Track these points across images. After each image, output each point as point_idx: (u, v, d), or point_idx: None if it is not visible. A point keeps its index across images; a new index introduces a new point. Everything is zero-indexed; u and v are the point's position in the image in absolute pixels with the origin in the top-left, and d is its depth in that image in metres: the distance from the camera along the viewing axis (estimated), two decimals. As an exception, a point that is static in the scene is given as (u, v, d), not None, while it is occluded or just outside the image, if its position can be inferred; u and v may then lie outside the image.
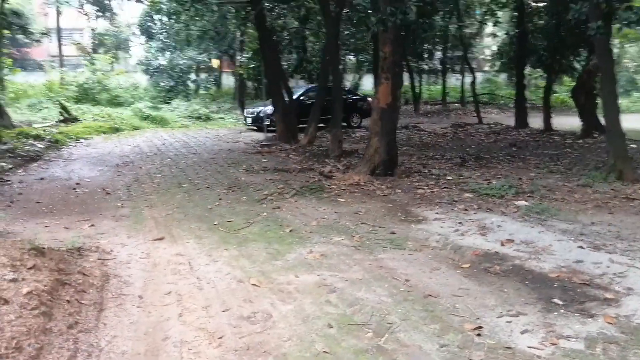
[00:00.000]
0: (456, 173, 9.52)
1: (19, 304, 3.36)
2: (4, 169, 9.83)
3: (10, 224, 6.32)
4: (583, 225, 6.18)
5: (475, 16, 25.13)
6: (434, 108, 28.76)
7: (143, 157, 11.97)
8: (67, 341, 3.29)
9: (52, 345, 3.19)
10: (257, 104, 20.67)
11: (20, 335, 3.10)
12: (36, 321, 3.28)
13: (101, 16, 28.99)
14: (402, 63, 9.27)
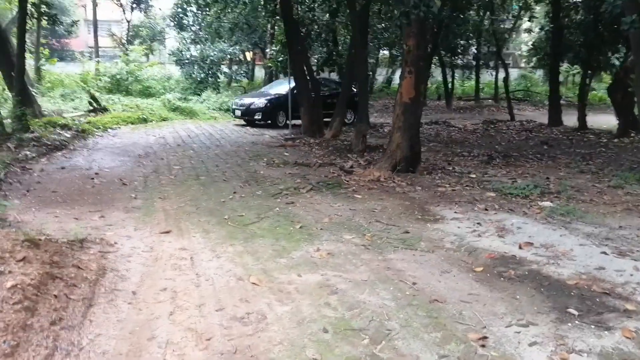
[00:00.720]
0: (481, 171, 9.22)
1: (1, 298, 3.27)
2: (27, 157, 9.90)
3: (22, 213, 6.30)
4: (610, 229, 5.86)
5: (511, 11, 24.52)
6: (467, 104, 28.20)
7: (166, 149, 11.95)
8: (46, 338, 3.18)
9: (29, 343, 3.08)
10: (247, 95, 20.10)
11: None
12: (17, 316, 3.18)
13: (136, 8, 29.26)
14: (426, 57, 8.96)
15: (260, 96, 18.15)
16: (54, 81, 24.52)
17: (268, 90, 19.17)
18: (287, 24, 13.77)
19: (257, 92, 19.86)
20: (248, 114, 17.45)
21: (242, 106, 17.74)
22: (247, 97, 18.90)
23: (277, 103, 17.30)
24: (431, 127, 17.31)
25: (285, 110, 16.80)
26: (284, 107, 16.81)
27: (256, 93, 19.74)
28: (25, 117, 12.14)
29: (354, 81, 13.20)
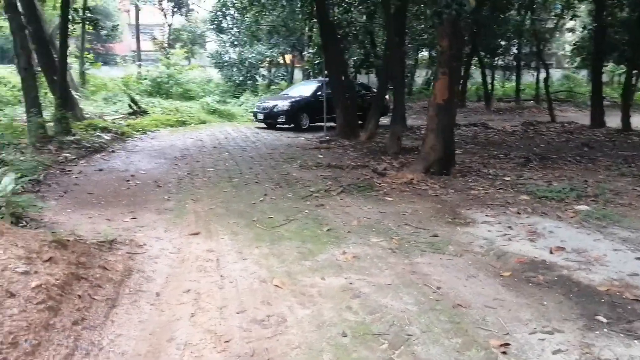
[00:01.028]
0: (516, 174, 9.03)
1: (25, 297, 3.36)
2: (67, 159, 10.20)
3: (57, 214, 6.48)
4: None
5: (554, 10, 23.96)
6: (507, 105, 27.68)
7: (202, 151, 12.13)
8: (67, 338, 3.26)
9: (50, 342, 3.16)
10: (269, 98, 19.72)
11: (19, 330, 3.09)
12: (40, 316, 3.27)
13: (177, 12, 29.81)
14: (461, 58, 8.84)
15: (283, 99, 17.91)
16: (98, 85, 25.23)
17: (290, 92, 19.05)
18: (322, 26, 13.80)
19: (280, 95, 19.70)
20: (271, 117, 17.12)
21: (265, 109, 17.40)
22: (270, 99, 18.66)
23: (301, 105, 17.13)
24: (469, 128, 17.06)
25: (309, 113, 16.99)
26: (308, 109, 16.99)
27: (278, 96, 19.55)
28: (67, 120, 12.49)
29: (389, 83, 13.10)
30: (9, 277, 3.56)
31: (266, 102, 18.15)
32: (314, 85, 18.32)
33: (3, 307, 3.27)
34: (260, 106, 18.02)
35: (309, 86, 18.73)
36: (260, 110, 17.75)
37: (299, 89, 18.96)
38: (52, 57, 14.05)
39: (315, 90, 17.59)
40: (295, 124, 16.97)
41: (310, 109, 17.02)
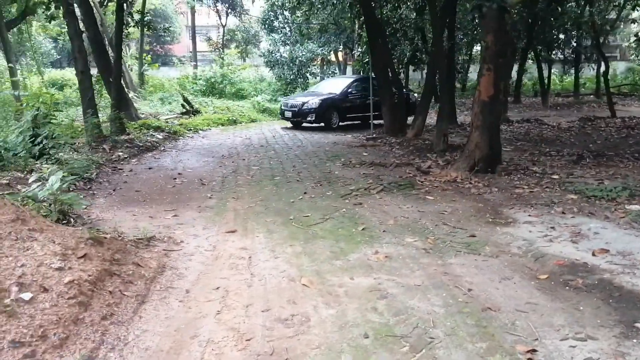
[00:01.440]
0: (567, 172, 8.70)
1: (58, 292, 3.49)
2: (119, 158, 10.55)
3: (104, 211, 6.72)
4: None
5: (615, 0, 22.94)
6: (566, 100, 26.78)
7: (249, 149, 12.28)
8: (95, 332, 3.36)
9: (78, 336, 3.28)
10: (297, 95, 19.23)
11: (49, 323, 3.22)
12: (70, 311, 3.39)
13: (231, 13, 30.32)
14: (506, 54, 8.59)
15: (312, 95, 17.19)
16: (156, 85, 25.97)
17: (319, 89, 18.42)
18: (368, 23, 13.72)
19: (308, 92, 19.08)
20: (300, 115, 16.44)
21: (294, 107, 16.65)
22: (298, 97, 17.93)
23: (331, 103, 16.50)
24: (522, 125, 16.60)
25: (339, 111, 16.48)
26: (338, 107, 16.46)
27: (307, 93, 18.98)
28: (121, 120, 12.93)
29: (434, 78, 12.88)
30: (43, 273, 3.71)
31: (295, 99, 17.40)
32: (345, 82, 17.75)
33: (36, 302, 3.41)
34: (287, 103, 17.24)
35: (339, 82, 18.15)
36: (288, 107, 16.99)
37: (329, 85, 18.41)
38: (109, 60, 14.57)
39: (346, 87, 17.06)
40: (325, 123, 16.41)
41: (340, 107, 16.54)
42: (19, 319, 3.23)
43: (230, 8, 29.71)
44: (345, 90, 16.88)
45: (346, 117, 16.58)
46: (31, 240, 4.14)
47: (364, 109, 16.68)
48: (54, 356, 3.10)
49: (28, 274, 3.66)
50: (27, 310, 3.33)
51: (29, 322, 3.23)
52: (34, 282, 3.60)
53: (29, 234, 4.25)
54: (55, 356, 3.11)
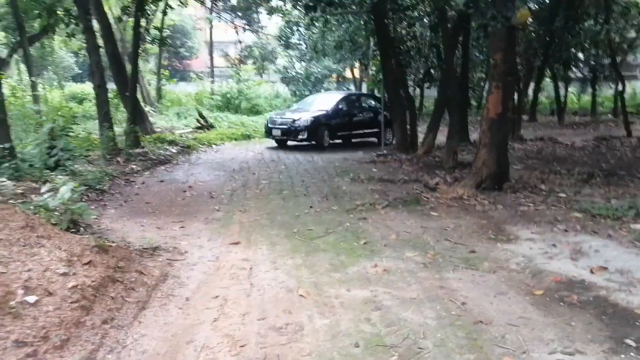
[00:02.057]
0: (575, 190, 8.69)
1: (62, 296, 3.64)
2: (133, 170, 10.77)
3: (114, 222, 6.89)
4: None
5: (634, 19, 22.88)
6: (582, 119, 26.64)
7: (260, 164, 12.44)
8: (95, 335, 3.50)
9: (79, 338, 3.41)
10: (285, 111, 18.27)
11: (51, 325, 3.36)
12: (72, 314, 3.54)
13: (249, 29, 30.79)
14: (515, 71, 8.67)
15: (302, 112, 16.20)
16: (173, 100, 26.39)
17: (305, 105, 17.49)
18: (380, 41, 13.86)
19: (294, 109, 17.76)
20: (291, 133, 15.43)
21: (284, 124, 15.56)
22: (287, 113, 16.69)
23: (323, 120, 15.67)
24: (535, 143, 16.56)
25: (330, 129, 15.71)
26: (329, 125, 15.71)
27: (293, 110, 17.76)
28: (136, 133, 13.19)
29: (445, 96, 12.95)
30: (49, 277, 3.87)
31: (284, 116, 16.21)
32: (334, 98, 17.10)
33: (40, 304, 3.57)
34: (276, 121, 15.99)
35: (327, 99, 17.44)
36: (276, 125, 15.79)
37: (316, 101, 17.59)
38: (126, 75, 14.88)
39: (336, 103, 16.45)
40: (317, 141, 15.50)
41: (331, 125, 15.84)
42: (23, 320, 3.38)
43: (247, 24, 30.17)
44: (335, 107, 16.30)
45: (337, 135, 16.17)
46: (39, 247, 4.31)
47: (355, 127, 16.62)
48: (55, 356, 3.24)
49: (34, 278, 3.81)
50: (31, 313, 3.48)
51: (33, 323, 3.38)
52: (40, 286, 3.75)
53: (37, 240, 4.41)
54: (56, 356, 3.24)
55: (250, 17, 28.79)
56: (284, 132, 15.60)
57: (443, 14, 11.74)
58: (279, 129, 15.66)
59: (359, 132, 16.86)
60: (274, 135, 15.91)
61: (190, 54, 44.39)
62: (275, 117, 16.47)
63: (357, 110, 16.92)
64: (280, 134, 15.69)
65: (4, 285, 3.54)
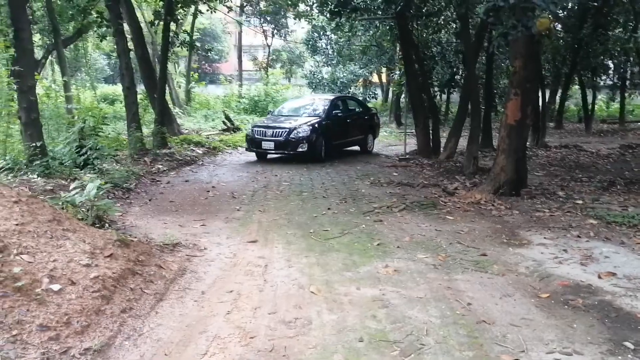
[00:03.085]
0: (593, 197, 8.70)
1: (84, 286, 3.88)
2: (159, 170, 11.08)
3: (138, 219, 7.16)
4: None
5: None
6: (611, 127, 26.26)
7: (283, 165, 12.65)
8: (114, 323, 3.73)
9: (98, 325, 3.65)
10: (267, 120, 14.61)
11: (73, 312, 3.60)
12: (93, 302, 3.77)
13: (277, 34, 31.17)
14: (534, 79, 8.72)
15: (292, 120, 13.86)
16: (202, 102, 26.86)
17: (289, 113, 14.97)
18: (404, 46, 13.99)
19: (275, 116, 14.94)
20: (288, 146, 13.01)
21: (278, 135, 13.09)
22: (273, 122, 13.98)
23: (321, 129, 13.46)
24: (560, 150, 16.45)
25: (325, 139, 13.50)
26: (324, 134, 13.48)
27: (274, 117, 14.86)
28: (164, 134, 13.53)
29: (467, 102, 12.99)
30: (72, 268, 4.11)
31: (273, 124, 13.56)
32: (322, 101, 15.04)
33: (64, 292, 3.80)
34: (264, 132, 13.29)
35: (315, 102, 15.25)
36: (267, 137, 13.21)
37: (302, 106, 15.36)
38: (155, 77, 15.27)
39: (329, 107, 14.32)
40: (316, 154, 13.27)
41: (327, 134, 13.65)
42: (47, 306, 3.61)
43: (275, 29, 30.56)
44: (329, 112, 14.11)
45: (333, 145, 14.02)
46: (64, 239, 4.56)
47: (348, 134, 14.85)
48: (76, 340, 3.47)
49: (59, 268, 4.05)
50: (55, 300, 3.72)
51: (56, 310, 3.61)
52: (64, 276, 3.99)
53: (63, 233, 4.67)
54: (77, 340, 3.47)
55: (279, 21, 29.14)
56: (279, 144, 13.03)
57: (465, 21, 11.82)
58: (272, 141, 13.08)
59: (351, 140, 15.23)
60: (264, 149, 13.25)
61: (219, 57, 45.03)
62: (261, 127, 13.57)
63: (348, 116, 15.04)
64: (274, 148, 13.09)
65: (31, 273, 3.78)
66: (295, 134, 13.05)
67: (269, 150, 13.31)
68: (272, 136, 13.19)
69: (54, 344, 3.36)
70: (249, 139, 13.78)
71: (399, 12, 12.66)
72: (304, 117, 14.10)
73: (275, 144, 13.12)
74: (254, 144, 13.55)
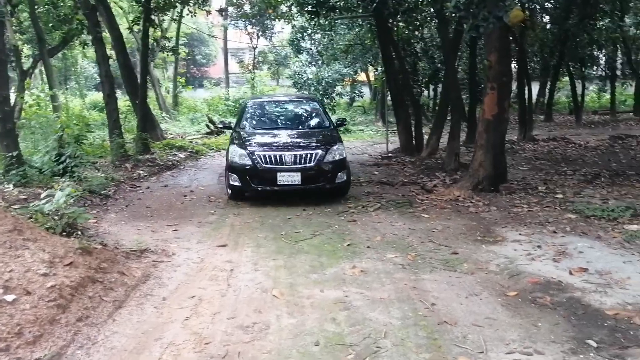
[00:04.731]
0: (575, 191, 8.61)
1: (40, 295, 3.83)
2: (140, 176, 10.99)
3: (112, 225, 7.08)
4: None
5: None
6: (602, 118, 26.21)
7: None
8: (68, 332, 3.67)
9: (52, 335, 3.59)
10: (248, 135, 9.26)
11: (26, 322, 3.55)
12: (48, 312, 3.71)
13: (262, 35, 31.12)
14: (510, 72, 8.65)
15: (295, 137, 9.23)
16: (189, 106, 26.79)
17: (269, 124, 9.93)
18: (382, 44, 13.89)
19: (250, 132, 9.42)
20: (321, 177, 8.33)
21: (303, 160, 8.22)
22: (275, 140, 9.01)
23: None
24: (547, 143, 16.35)
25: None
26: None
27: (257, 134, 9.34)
28: (145, 140, 13.45)
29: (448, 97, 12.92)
30: (29, 278, 4.04)
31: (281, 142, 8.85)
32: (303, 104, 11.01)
33: (18, 303, 3.75)
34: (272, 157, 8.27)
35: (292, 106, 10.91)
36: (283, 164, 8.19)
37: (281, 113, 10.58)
38: (137, 84, 15.17)
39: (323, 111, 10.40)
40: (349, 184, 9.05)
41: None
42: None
43: (260, 31, 30.49)
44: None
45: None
46: (24, 249, 4.47)
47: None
48: (26, 351, 3.40)
49: (15, 278, 3.98)
50: (8, 310, 3.65)
51: (8, 320, 3.56)
52: (19, 286, 3.92)
53: (23, 243, 4.58)
54: (27, 351, 3.40)
55: (263, 23, 29.06)
56: (308, 175, 8.19)
57: (442, 17, 11.75)
58: (297, 170, 8.14)
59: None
60: (282, 185, 8.17)
61: (207, 61, 44.95)
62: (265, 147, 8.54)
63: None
64: (302, 181, 8.15)
65: (-16, 285, 3.71)
66: (332, 155, 8.37)
67: (291, 186, 8.15)
68: (296, 162, 8.14)
69: (3, 355, 3.30)
70: (241, 171, 8.26)
71: (376, 10, 12.56)
72: (306, 128, 9.77)
73: (303, 174, 8.08)
74: (257, 179, 8.22)
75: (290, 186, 8.22)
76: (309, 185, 8.31)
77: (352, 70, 25.49)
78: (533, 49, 22.81)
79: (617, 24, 17.69)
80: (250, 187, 8.36)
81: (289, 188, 8.25)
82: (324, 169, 8.34)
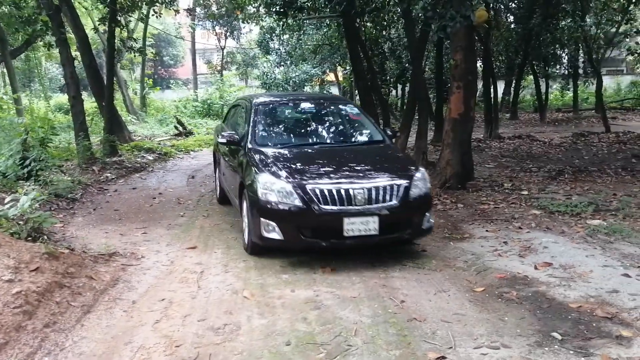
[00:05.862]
0: (540, 187, 8.81)
1: (4, 302, 3.75)
2: (107, 179, 10.82)
3: (80, 229, 6.96)
4: (657, 250, 5.43)
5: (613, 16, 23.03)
6: (565, 116, 26.79)
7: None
8: (35, 339, 3.61)
9: (18, 342, 3.53)
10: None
11: (-10, 330, 3.47)
12: (14, 319, 3.64)
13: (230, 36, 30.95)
14: (475, 71, 8.80)
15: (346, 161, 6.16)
16: (157, 108, 26.49)
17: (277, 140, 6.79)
18: (350, 44, 13.96)
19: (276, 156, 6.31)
20: (403, 219, 5.49)
21: (379, 197, 5.30)
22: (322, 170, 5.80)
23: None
24: (513, 141, 16.65)
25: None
26: None
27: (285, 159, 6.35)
28: (113, 142, 13.24)
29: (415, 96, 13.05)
30: (-7, 285, 3.95)
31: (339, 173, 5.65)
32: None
33: (-18, 310, 3.65)
34: (335, 192, 5.22)
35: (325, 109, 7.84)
36: (351, 205, 5.20)
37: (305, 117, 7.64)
38: (103, 85, 14.92)
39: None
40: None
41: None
42: (-40, 327, 3.46)
43: (228, 31, 30.33)
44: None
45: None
46: (-13, 256, 4.38)
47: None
48: (-10, 360, 3.33)
49: (-22, 286, 3.89)
50: (-29, 319, 3.57)
51: (-28, 328, 3.46)
52: (-18, 293, 3.83)
53: (-14, 249, 4.49)
54: (-8, 360, 3.33)
55: (231, 24, 28.91)
56: (387, 224, 5.27)
57: (409, 17, 11.86)
58: (369, 213, 5.21)
59: None
60: (352, 237, 5.18)
61: (175, 62, 44.52)
62: (320, 179, 5.44)
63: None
64: (380, 230, 5.20)
65: (-56, 295, 3.63)
66: (418, 189, 5.61)
67: (364, 238, 5.26)
68: (370, 200, 5.29)
69: (-34, 365, 3.23)
70: (286, 217, 5.32)
71: (344, 10, 12.62)
72: (356, 145, 6.91)
73: (382, 220, 5.23)
74: (311, 229, 5.33)
75: (362, 239, 5.25)
76: (389, 236, 5.41)
77: (320, 71, 25.55)
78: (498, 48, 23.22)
79: (579, 24, 18.13)
80: (299, 241, 5.30)
81: (361, 242, 5.33)
82: (411, 209, 5.53)
